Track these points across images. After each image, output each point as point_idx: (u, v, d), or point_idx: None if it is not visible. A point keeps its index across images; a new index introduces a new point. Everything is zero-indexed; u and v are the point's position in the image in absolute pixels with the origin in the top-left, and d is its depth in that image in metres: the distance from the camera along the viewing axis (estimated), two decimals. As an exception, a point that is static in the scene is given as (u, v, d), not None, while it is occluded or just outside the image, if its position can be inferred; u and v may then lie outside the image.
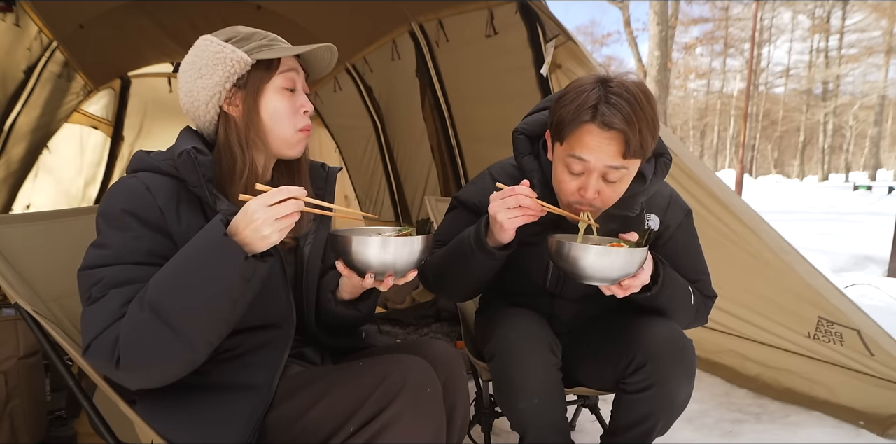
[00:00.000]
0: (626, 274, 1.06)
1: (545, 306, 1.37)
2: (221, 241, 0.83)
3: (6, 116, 3.26)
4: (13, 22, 2.91)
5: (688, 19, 28.14)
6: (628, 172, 1.13)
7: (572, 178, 1.14)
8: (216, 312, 0.85)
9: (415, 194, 4.29)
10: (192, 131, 1.05)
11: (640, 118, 1.07)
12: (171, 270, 0.86)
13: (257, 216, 0.83)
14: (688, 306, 1.26)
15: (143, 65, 4.45)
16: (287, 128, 1.02)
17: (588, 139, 1.09)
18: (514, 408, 1.20)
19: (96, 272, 0.89)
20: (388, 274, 0.97)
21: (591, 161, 1.10)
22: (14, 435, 1.62)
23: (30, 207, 4.09)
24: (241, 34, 1.02)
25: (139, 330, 0.84)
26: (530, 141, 1.30)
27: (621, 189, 1.17)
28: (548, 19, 2.32)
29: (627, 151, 1.08)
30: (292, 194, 0.84)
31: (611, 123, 1.06)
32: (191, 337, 0.84)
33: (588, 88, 1.10)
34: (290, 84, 1.02)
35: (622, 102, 1.06)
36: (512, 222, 1.08)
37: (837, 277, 4.29)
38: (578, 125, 1.09)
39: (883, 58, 25.05)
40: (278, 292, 1.04)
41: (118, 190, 0.95)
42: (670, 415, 1.21)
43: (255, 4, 3.76)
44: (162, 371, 0.88)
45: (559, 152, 1.16)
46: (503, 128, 2.93)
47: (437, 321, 2.98)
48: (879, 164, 29.62)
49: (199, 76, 0.99)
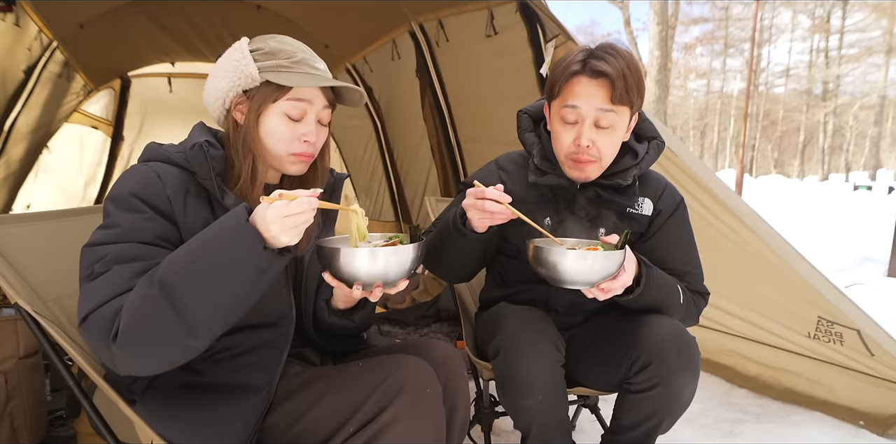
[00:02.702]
0: (606, 277, 1.07)
1: (541, 294, 1.38)
2: (243, 227, 0.83)
3: (6, 116, 3.26)
4: (13, 22, 2.91)
5: (688, 19, 28.21)
6: (618, 117, 1.21)
7: (567, 129, 1.23)
8: (225, 298, 0.84)
9: (415, 194, 4.29)
10: (205, 127, 1.07)
11: (625, 65, 1.18)
12: (187, 250, 0.85)
13: (274, 227, 0.83)
14: (676, 306, 1.25)
15: (143, 65, 4.45)
16: (280, 149, 1.01)
17: (578, 88, 1.19)
18: (519, 405, 1.20)
19: (101, 249, 0.89)
20: (376, 285, 0.94)
21: (583, 107, 1.19)
22: (14, 435, 1.62)
23: (30, 207, 4.08)
24: (268, 48, 1.00)
25: (144, 306, 0.82)
26: (533, 122, 1.40)
27: (613, 140, 1.24)
28: (548, 19, 2.32)
29: (614, 95, 1.17)
30: (312, 206, 0.84)
31: (597, 69, 1.17)
32: (194, 321, 0.82)
33: (576, 51, 1.24)
34: (296, 114, 1.01)
35: (607, 55, 1.18)
36: (481, 222, 1.14)
37: (837, 277, 4.29)
38: (569, 78, 1.20)
39: (883, 58, 25.06)
40: (279, 290, 1.04)
41: (129, 176, 0.96)
42: (675, 413, 1.21)
43: (255, 4, 3.76)
44: (157, 354, 0.85)
45: (554, 109, 1.26)
46: (503, 128, 2.92)
47: (437, 321, 2.98)
48: (879, 164, 29.59)
49: (215, 77, 1.03)
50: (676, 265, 1.32)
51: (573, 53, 1.23)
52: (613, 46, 1.21)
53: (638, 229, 1.34)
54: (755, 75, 23.22)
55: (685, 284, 1.31)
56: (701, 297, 1.36)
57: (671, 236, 1.35)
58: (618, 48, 1.20)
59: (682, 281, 1.30)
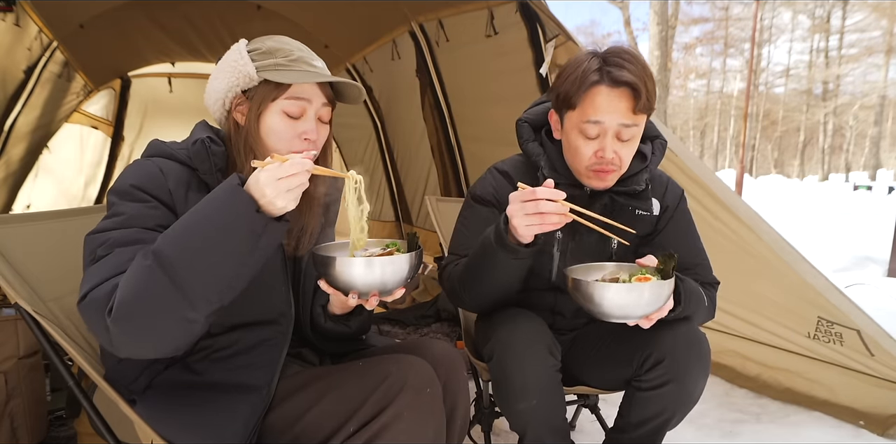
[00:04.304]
0: (657, 308, 1.02)
1: (548, 300, 1.37)
2: (234, 191, 0.83)
3: (6, 116, 3.26)
4: (13, 22, 2.91)
5: (688, 19, 28.20)
6: (638, 129, 1.19)
7: (588, 142, 1.19)
8: (221, 266, 0.82)
9: (415, 194, 4.29)
10: (207, 125, 1.08)
11: (643, 72, 1.14)
12: (180, 222, 0.85)
13: (269, 191, 0.82)
14: (703, 309, 1.24)
15: (143, 65, 4.46)
16: (281, 147, 1.00)
17: (599, 100, 1.15)
18: (513, 409, 1.20)
19: (105, 235, 0.89)
20: (372, 294, 0.93)
21: (606, 122, 1.15)
22: (14, 435, 1.62)
23: (30, 207, 4.09)
24: (265, 48, 1.01)
25: (138, 277, 0.81)
26: (533, 130, 1.36)
27: (633, 149, 1.22)
28: (548, 19, 2.32)
29: (637, 105, 1.14)
30: (304, 168, 0.83)
31: (619, 78, 1.12)
32: (191, 290, 0.80)
33: (585, 58, 1.18)
34: (296, 112, 1.00)
35: (622, 61, 1.14)
36: (528, 230, 1.02)
37: (837, 277, 4.28)
38: (588, 88, 1.15)
39: (883, 58, 25.03)
40: (278, 287, 1.04)
41: (132, 169, 0.97)
42: (685, 410, 1.21)
43: (255, 4, 3.76)
44: (155, 330, 0.82)
45: (571, 121, 1.21)
46: (503, 128, 2.93)
47: (437, 321, 2.97)
48: (879, 164, 29.55)
49: (215, 78, 1.03)
50: (686, 259, 1.30)
51: (583, 61, 1.17)
52: (627, 51, 1.16)
53: (646, 229, 1.33)
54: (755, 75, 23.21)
55: (696, 277, 1.29)
56: (713, 288, 1.34)
57: (678, 231, 1.35)
58: (632, 53, 1.16)
59: (692, 273, 1.29)
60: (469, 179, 3.57)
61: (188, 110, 4.72)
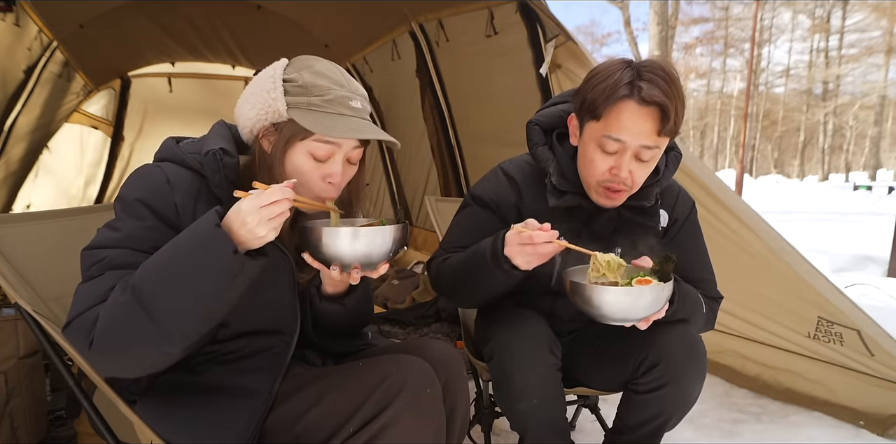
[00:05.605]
0: (656, 310, 1.03)
1: (546, 304, 1.36)
2: (212, 231, 0.82)
3: (6, 116, 3.25)
4: (13, 22, 2.91)
5: (688, 19, 28.21)
6: (659, 151, 1.14)
7: (604, 157, 1.15)
8: (199, 304, 0.83)
9: (415, 194, 4.29)
10: (225, 127, 1.05)
11: (675, 94, 1.08)
12: (158, 256, 0.85)
13: (250, 219, 0.82)
14: (699, 315, 1.23)
15: (143, 65, 4.45)
16: (304, 184, 0.97)
17: (625, 117, 1.09)
18: (514, 408, 1.20)
19: (101, 252, 0.89)
20: (355, 266, 0.92)
21: (627, 141, 1.10)
22: (14, 435, 1.62)
23: (30, 207, 4.08)
24: (301, 81, 0.95)
25: (117, 313, 0.82)
26: (544, 133, 1.31)
27: (648, 170, 1.17)
28: (548, 19, 2.32)
29: (663, 128, 1.08)
30: (285, 196, 0.83)
31: (650, 97, 1.06)
32: (168, 328, 0.81)
33: (618, 67, 1.11)
34: (323, 155, 0.96)
35: (656, 77, 1.07)
36: (529, 264, 1.06)
37: (837, 277, 4.29)
38: (615, 102, 1.09)
39: (883, 58, 25.03)
40: (283, 299, 1.04)
41: (139, 178, 0.95)
42: (682, 412, 1.21)
43: (255, 4, 3.76)
44: (134, 360, 0.85)
45: (592, 132, 1.15)
46: (503, 128, 2.91)
47: (437, 321, 2.97)
48: (879, 164, 29.57)
49: (246, 101, 1.00)
50: (693, 272, 1.29)
51: (615, 70, 1.10)
52: (664, 68, 1.09)
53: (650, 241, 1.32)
54: (755, 75, 23.22)
55: (700, 290, 1.27)
56: (716, 302, 1.33)
57: (685, 244, 1.32)
58: (668, 70, 1.09)
59: (696, 288, 1.26)
60: (469, 179, 3.57)
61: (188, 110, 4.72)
